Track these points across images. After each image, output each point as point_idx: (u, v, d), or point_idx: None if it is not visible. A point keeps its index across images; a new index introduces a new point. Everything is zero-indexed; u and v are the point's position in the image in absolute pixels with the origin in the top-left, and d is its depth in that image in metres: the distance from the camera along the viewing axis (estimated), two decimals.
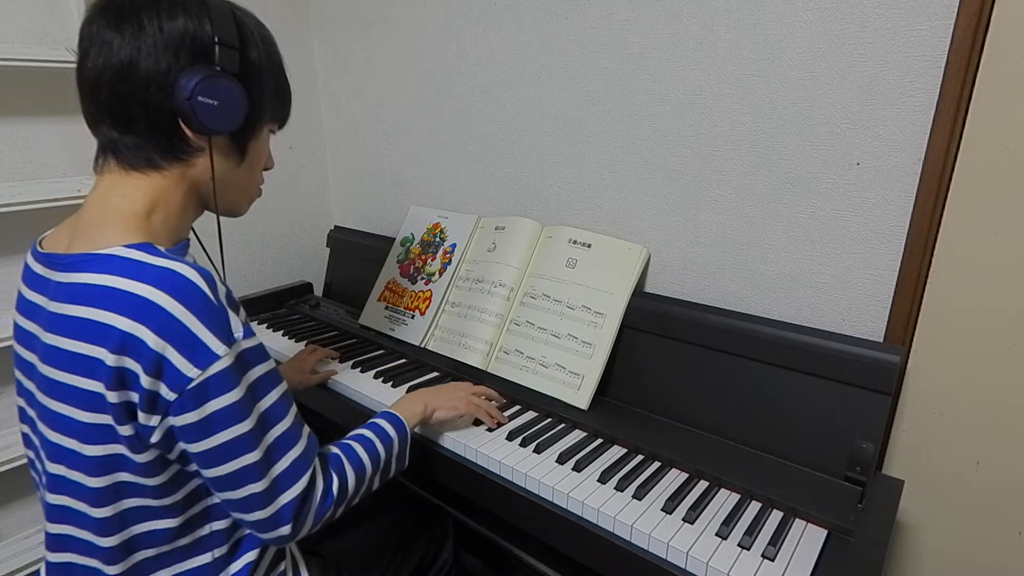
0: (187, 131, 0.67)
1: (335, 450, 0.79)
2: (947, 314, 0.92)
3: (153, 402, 0.61)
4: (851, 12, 0.90)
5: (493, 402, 1.10)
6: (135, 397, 0.61)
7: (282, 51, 0.75)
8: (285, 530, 0.70)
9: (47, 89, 1.35)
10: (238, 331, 0.64)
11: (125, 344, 0.59)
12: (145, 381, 0.60)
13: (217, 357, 0.61)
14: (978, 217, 0.87)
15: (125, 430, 0.62)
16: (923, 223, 0.89)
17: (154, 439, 0.63)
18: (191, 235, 0.77)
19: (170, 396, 0.61)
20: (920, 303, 0.93)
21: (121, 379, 0.60)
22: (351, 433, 0.85)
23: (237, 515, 0.70)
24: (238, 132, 0.70)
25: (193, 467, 0.68)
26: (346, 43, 1.69)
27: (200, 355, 0.61)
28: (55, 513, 0.69)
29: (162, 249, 0.64)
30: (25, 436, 0.75)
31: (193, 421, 0.62)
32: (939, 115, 0.85)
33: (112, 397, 0.60)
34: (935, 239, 0.90)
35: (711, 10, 1.03)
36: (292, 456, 0.69)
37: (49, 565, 0.72)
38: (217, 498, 0.71)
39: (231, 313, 0.64)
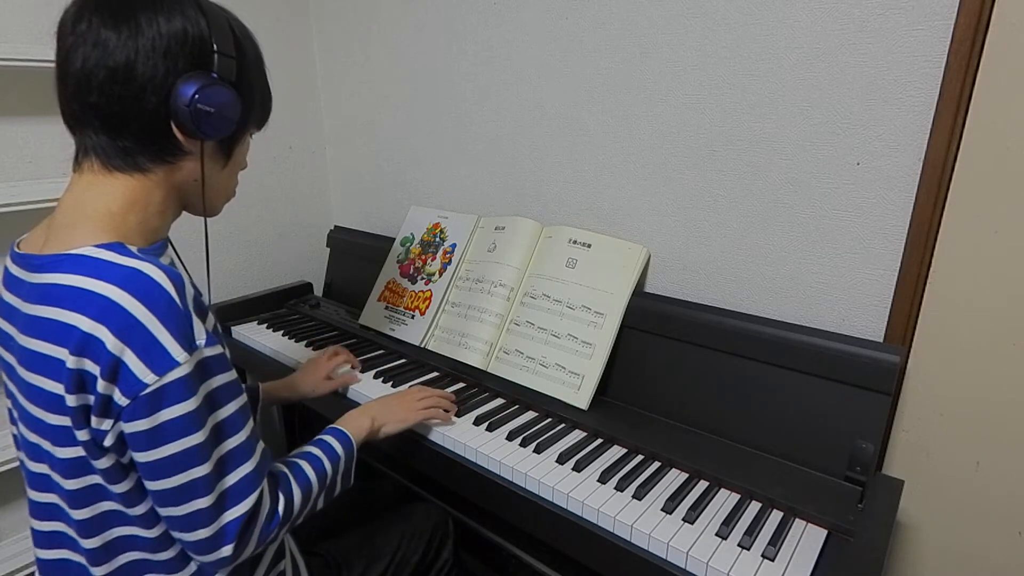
0: (179, 136, 0.66)
1: (282, 468, 0.76)
2: (947, 314, 0.92)
3: (106, 406, 0.59)
4: (851, 12, 0.90)
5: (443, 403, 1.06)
6: (92, 400, 0.59)
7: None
8: (227, 551, 0.66)
9: (46, 89, 1.32)
10: (201, 338, 0.62)
11: (85, 345, 0.57)
12: (100, 384, 0.58)
13: (176, 364, 0.59)
14: (978, 217, 0.87)
15: (82, 435, 0.61)
16: (923, 223, 0.89)
17: (107, 443, 0.61)
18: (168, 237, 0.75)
19: (122, 401, 0.59)
20: (920, 303, 0.93)
21: (80, 381, 0.59)
22: (297, 451, 0.82)
23: (177, 534, 0.67)
24: (227, 137, 0.70)
25: None
26: (346, 43, 1.69)
27: (158, 360, 0.59)
28: (43, 510, 0.69)
29: (133, 249, 0.62)
30: (15, 437, 0.74)
31: (143, 429, 0.60)
32: (939, 115, 0.85)
33: (71, 400, 0.59)
34: (935, 239, 0.90)
35: (711, 10, 1.03)
36: (243, 471, 0.66)
37: (42, 562, 0.72)
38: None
39: (196, 319, 0.62)
